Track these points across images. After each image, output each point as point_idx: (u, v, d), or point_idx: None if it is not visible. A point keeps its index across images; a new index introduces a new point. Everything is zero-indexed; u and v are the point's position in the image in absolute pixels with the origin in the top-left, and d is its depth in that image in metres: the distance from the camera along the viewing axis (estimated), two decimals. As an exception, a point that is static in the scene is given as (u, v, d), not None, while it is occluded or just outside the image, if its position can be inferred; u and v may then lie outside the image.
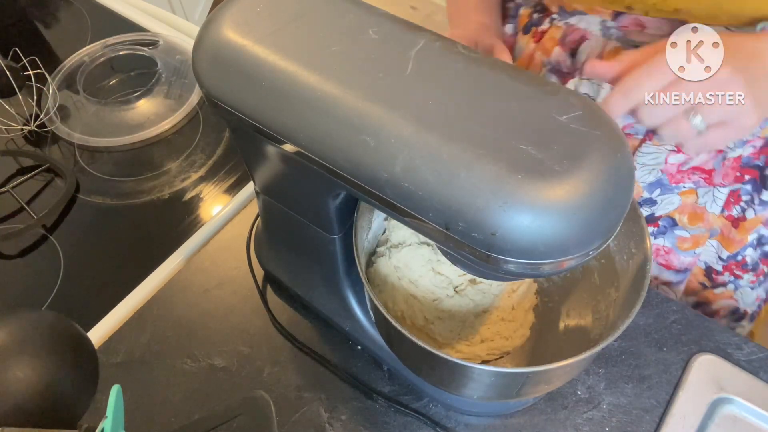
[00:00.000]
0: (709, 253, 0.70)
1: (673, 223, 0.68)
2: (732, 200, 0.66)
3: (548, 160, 0.32)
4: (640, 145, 0.64)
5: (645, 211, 0.68)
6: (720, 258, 0.70)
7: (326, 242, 0.51)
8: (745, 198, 0.65)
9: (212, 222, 0.71)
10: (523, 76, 0.36)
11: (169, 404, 0.57)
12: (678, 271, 0.71)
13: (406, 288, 0.55)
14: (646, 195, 0.67)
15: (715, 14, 0.51)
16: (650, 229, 0.69)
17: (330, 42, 0.39)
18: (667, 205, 0.67)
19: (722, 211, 0.67)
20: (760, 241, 0.68)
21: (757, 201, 0.65)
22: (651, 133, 0.63)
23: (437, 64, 0.37)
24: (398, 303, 0.55)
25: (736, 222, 0.67)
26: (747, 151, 0.62)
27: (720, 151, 0.63)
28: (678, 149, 0.63)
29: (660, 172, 0.65)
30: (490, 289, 0.56)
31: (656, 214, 0.68)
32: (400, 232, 0.57)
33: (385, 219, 0.57)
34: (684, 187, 0.66)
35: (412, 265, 0.55)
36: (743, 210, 0.66)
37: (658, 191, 0.66)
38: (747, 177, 0.64)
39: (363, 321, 0.57)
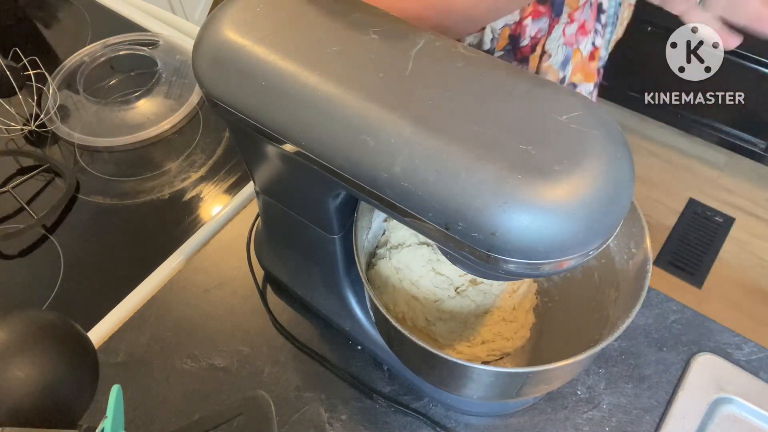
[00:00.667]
0: None
1: (573, 87, 0.72)
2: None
3: (548, 160, 0.32)
4: (550, 32, 0.66)
5: None
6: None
7: (326, 242, 0.51)
8: (590, 29, 0.69)
9: (212, 222, 0.71)
10: (523, 76, 0.36)
11: (169, 404, 0.57)
12: None
13: (407, 290, 0.55)
14: (560, 75, 0.70)
15: None
16: None
17: (330, 42, 0.39)
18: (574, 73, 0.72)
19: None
20: (604, 66, 0.73)
21: (599, 29, 0.69)
22: (557, 18, 0.65)
23: (437, 64, 0.37)
24: (399, 304, 0.55)
25: (592, 55, 0.71)
26: None
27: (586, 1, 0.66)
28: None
29: (564, 46, 0.68)
30: (490, 289, 0.56)
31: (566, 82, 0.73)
32: (399, 232, 0.57)
33: (385, 220, 0.57)
34: (572, 49, 0.70)
35: (413, 265, 0.55)
36: (593, 43, 0.70)
37: (569, 67, 0.70)
38: (589, 12, 0.68)
39: (363, 321, 0.57)
